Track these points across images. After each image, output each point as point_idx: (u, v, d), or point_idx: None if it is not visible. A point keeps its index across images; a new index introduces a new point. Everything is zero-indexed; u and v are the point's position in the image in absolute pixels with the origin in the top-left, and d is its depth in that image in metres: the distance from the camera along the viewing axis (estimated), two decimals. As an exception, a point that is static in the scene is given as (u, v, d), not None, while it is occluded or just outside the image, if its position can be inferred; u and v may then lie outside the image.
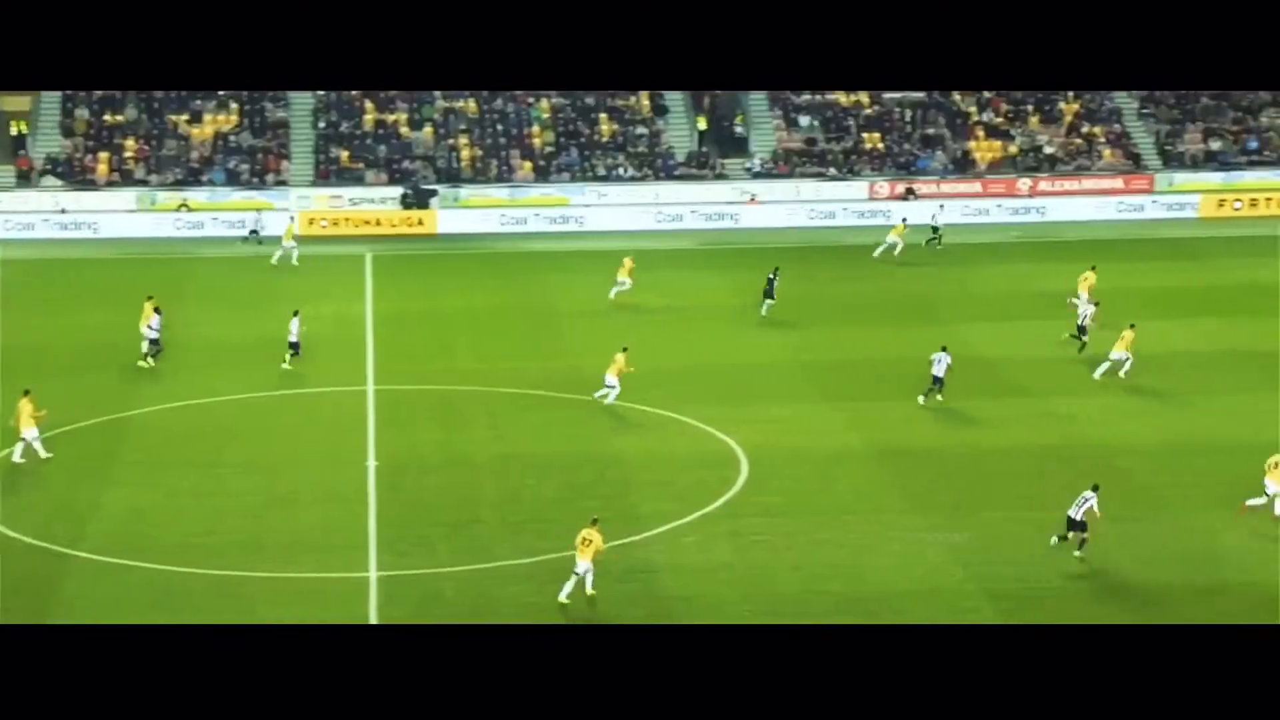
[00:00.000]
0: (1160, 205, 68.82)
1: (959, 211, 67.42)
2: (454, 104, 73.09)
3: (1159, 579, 30.98)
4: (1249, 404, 41.57)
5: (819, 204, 68.60)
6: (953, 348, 47.46)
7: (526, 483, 36.65)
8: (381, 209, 67.51)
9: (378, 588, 30.88)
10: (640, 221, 67.36)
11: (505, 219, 67.33)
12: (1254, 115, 73.51)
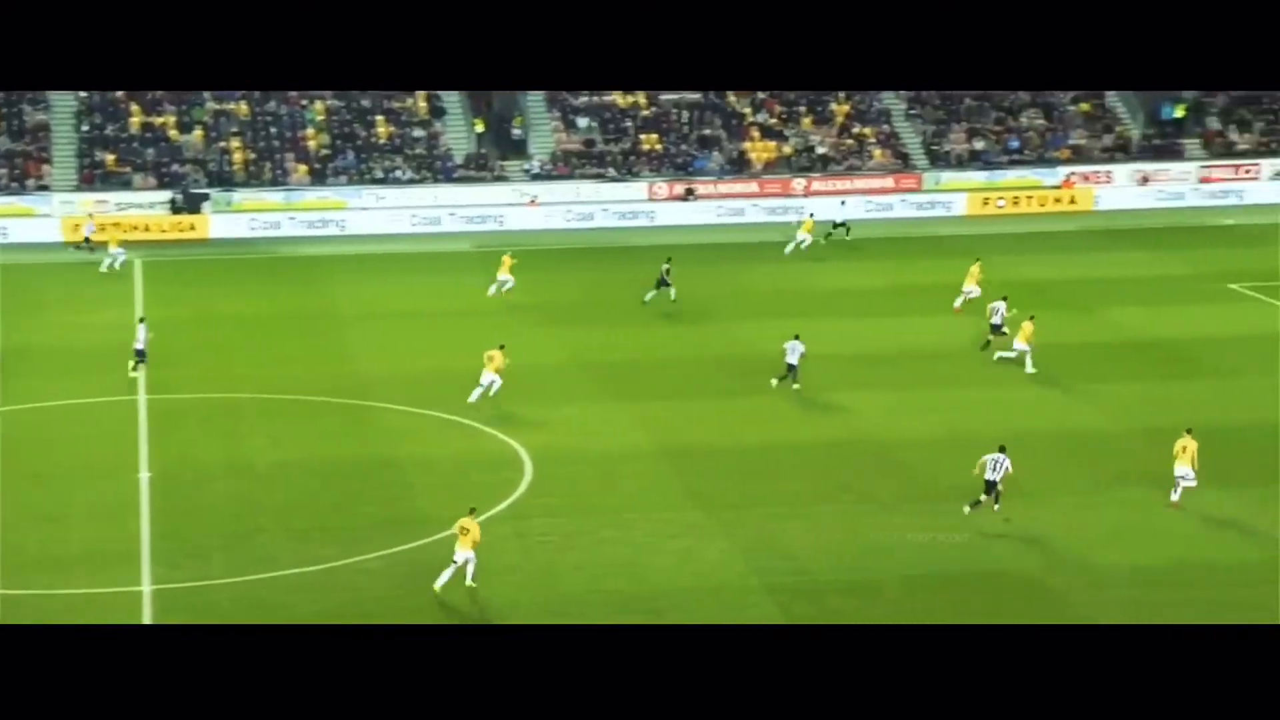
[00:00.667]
0: (928, 203, 70.71)
1: (732, 211, 68.65)
2: (225, 106, 71.49)
3: (936, 569, 31.70)
4: (1016, 397, 42.94)
5: (599, 205, 68.91)
6: (733, 346, 48.16)
7: (308, 490, 36.03)
8: (150, 214, 65.67)
9: (151, 601, 30.02)
10: (417, 225, 66.86)
11: (280, 223, 66.12)
12: (1014, 116, 75.98)
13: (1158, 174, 72.78)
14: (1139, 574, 31.16)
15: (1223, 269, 57.14)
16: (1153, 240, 63.46)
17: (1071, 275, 57.54)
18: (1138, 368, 45.44)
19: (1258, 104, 76.20)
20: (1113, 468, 37.13)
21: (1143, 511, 34.38)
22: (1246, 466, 36.93)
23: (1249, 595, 29.95)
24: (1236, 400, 42.12)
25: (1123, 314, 51.59)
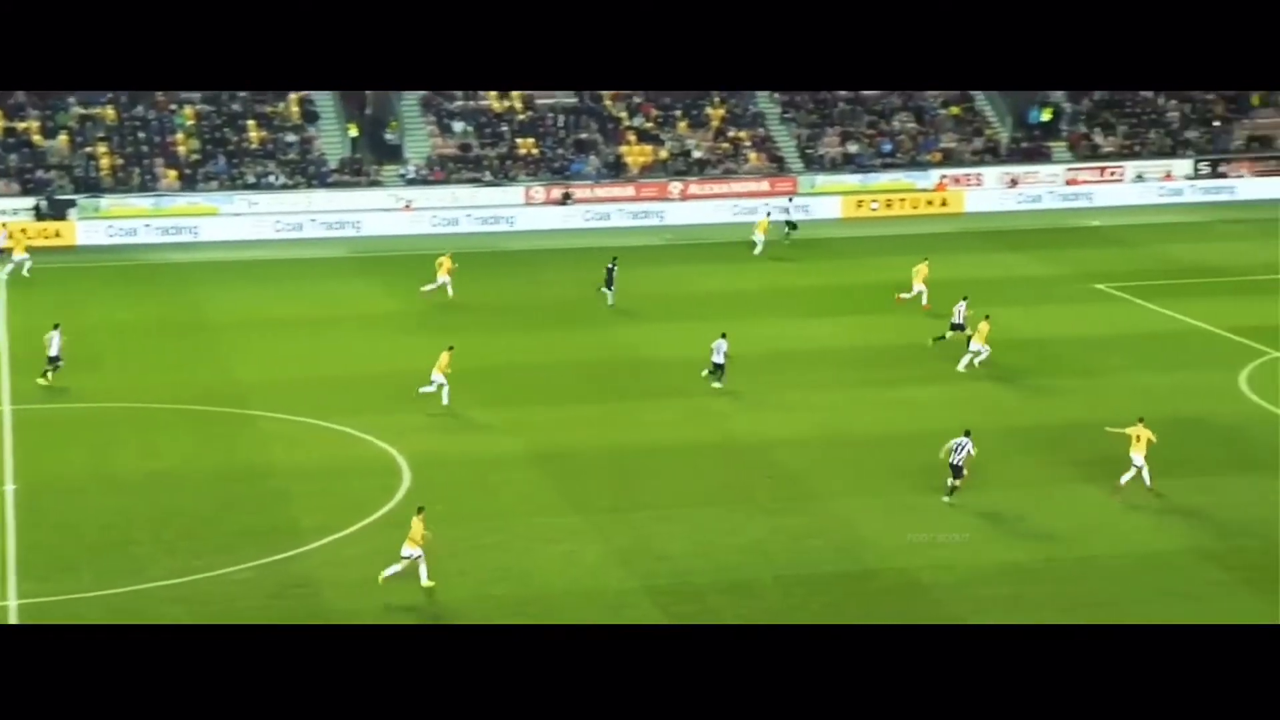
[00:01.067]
0: (803, 206, 71.32)
1: (618, 215, 68.85)
2: (91, 111, 70.18)
3: (812, 570, 31.94)
4: (891, 397, 43.44)
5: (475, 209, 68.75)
6: (609, 350, 48.25)
7: (180, 500, 35.47)
8: (14, 220, 64.25)
9: (18, 615, 29.38)
10: (289, 230, 66.17)
11: (149, 229, 65.03)
12: (886, 119, 76.92)
13: (1026, 176, 74.07)
14: (1011, 572, 31.61)
15: (1089, 269, 58.25)
16: (1021, 241, 64.54)
17: (943, 276, 58.17)
18: (1007, 368, 46.14)
19: (1120, 107, 77.82)
20: (983, 467, 37.64)
21: (1012, 510, 34.90)
22: (1116, 464, 37.63)
23: (1118, 591, 30.55)
24: (1103, 398, 42.94)
25: (995, 314, 52.28)
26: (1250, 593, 30.20)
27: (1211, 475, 36.35)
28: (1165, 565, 31.62)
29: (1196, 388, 43.50)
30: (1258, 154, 75.58)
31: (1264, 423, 40.29)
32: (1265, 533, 33.02)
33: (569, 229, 67.89)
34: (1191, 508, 34.62)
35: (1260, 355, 46.31)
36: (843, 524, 34.11)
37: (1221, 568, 31.40)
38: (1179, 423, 40.36)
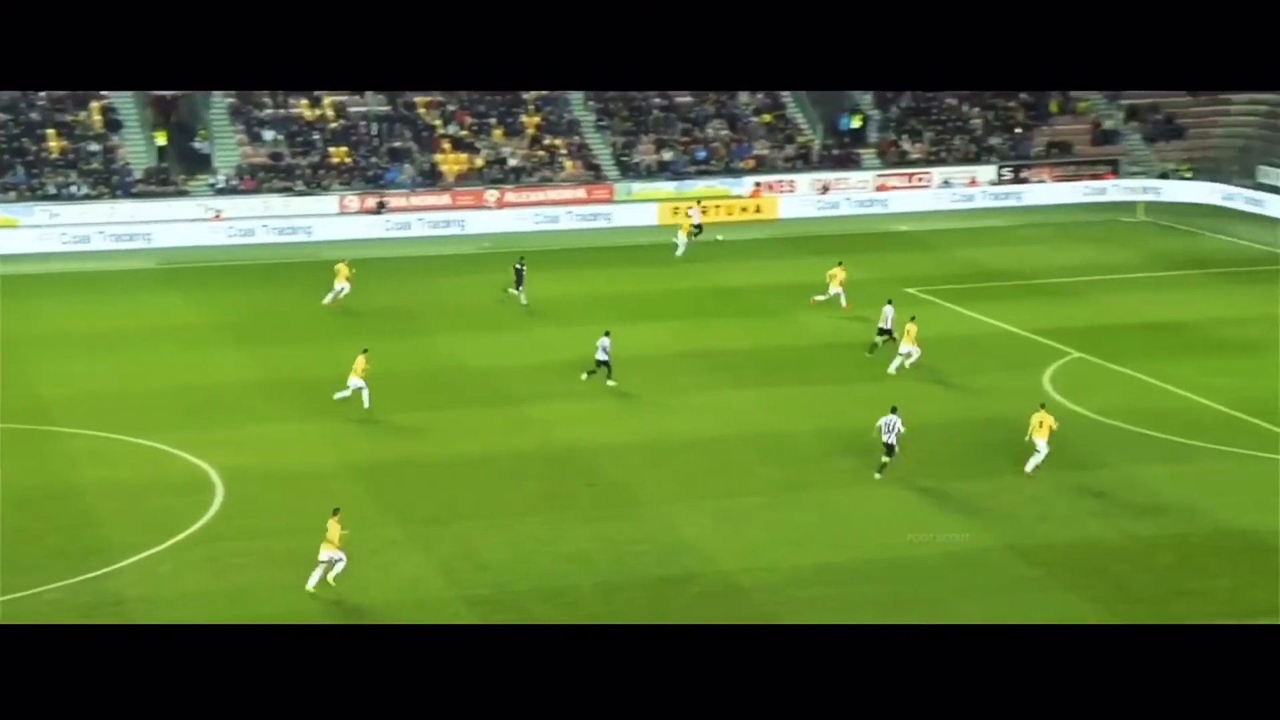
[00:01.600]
0: (621, 213, 71.68)
1: (428, 224, 68.51)
2: (-118, 119, 67.66)
3: (633, 575, 32.05)
4: (717, 400, 43.80)
5: (287, 219, 67.72)
6: (427, 360, 47.92)
7: (-18, 521, 34.29)
8: None
9: None
10: (93, 241, 64.48)
11: (-54, 241, 62.91)
12: (701, 127, 77.64)
13: (837, 183, 75.33)
14: (830, 573, 32.06)
15: (898, 273, 59.41)
16: (834, 247, 65.53)
17: (760, 282, 59.03)
18: (826, 370, 46.86)
19: (927, 115, 79.58)
20: (802, 469, 38.17)
21: (830, 512, 35.41)
22: (927, 462, 38.44)
23: (934, 589, 31.18)
24: (914, 400, 43.78)
25: (810, 318, 53.14)
26: (1060, 588, 31.05)
27: (1019, 474, 37.27)
28: (978, 563, 32.36)
29: (1003, 388, 44.61)
30: (1057, 160, 77.88)
31: (1068, 421, 41.47)
32: (1071, 528, 33.98)
33: (378, 238, 67.24)
34: (1000, 506, 35.50)
35: (1062, 355, 47.68)
36: (665, 529, 34.30)
37: (1031, 564, 32.23)
38: (986, 423, 41.40)
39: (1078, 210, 72.86)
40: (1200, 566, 31.84)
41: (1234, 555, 32.33)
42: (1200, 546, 32.85)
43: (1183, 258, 62.07)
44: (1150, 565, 31.98)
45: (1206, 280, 58.19)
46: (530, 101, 76.72)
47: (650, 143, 76.35)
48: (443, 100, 76.03)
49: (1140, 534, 33.51)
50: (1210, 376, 44.74)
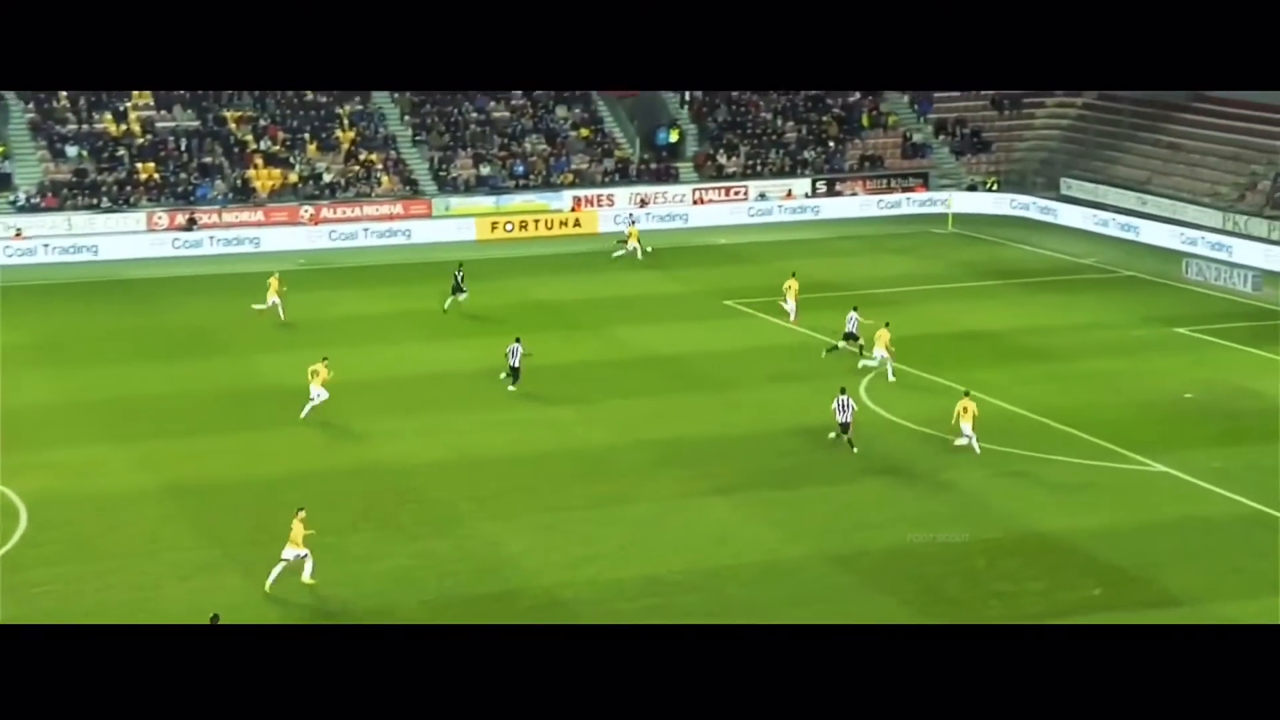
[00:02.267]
0: (439, 228, 71.29)
1: (229, 242, 67.50)
2: None
3: (458, 592, 31.82)
4: (535, 416, 43.69)
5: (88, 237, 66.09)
6: (240, 379, 47.17)
7: None
8: None
9: None
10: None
11: None
12: (518, 141, 77.60)
13: (656, 196, 75.84)
14: (652, 584, 32.18)
15: (718, 286, 60.00)
16: (654, 260, 66.00)
17: (580, 296, 59.16)
18: (644, 383, 47.09)
19: (743, 129, 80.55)
20: (621, 482, 38.30)
21: (652, 524, 35.55)
22: (745, 473, 38.84)
23: (754, 599, 31.47)
24: (735, 412, 44.27)
25: (628, 332, 53.40)
26: (877, 594, 31.54)
27: (838, 484, 37.84)
28: (794, 572, 32.74)
29: (823, 399, 45.21)
30: (869, 173, 79.41)
31: (884, 429, 42.24)
32: (886, 535, 34.55)
33: (185, 256, 65.96)
34: (818, 514, 35.97)
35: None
36: (487, 546, 34.14)
37: (847, 571, 32.70)
38: (804, 433, 41.95)
39: (890, 222, 74.36)
40: (1012, 570, 32.61)
41: (1044, 558, 33.18)
42: (1012, 550, 33.65)
43: (990, 268, 63.66)
44: (964, 569, 32.66)
45: (1012, 290, 59.76)
46: (345, 115, 75.96)
47: (468, 157, 76.09)
48: (254, 115, 74.90)
49: (954, 539, 34.22)
50: (1018, 384, 45.91)
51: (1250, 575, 32.13)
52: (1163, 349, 50.31)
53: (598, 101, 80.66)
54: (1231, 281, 59.59)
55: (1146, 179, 74.09)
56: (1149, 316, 53.77)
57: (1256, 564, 32.68)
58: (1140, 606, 30.47)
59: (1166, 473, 38.26)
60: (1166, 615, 29.99)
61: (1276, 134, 71.41)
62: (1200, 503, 36.36)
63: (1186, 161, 73.85)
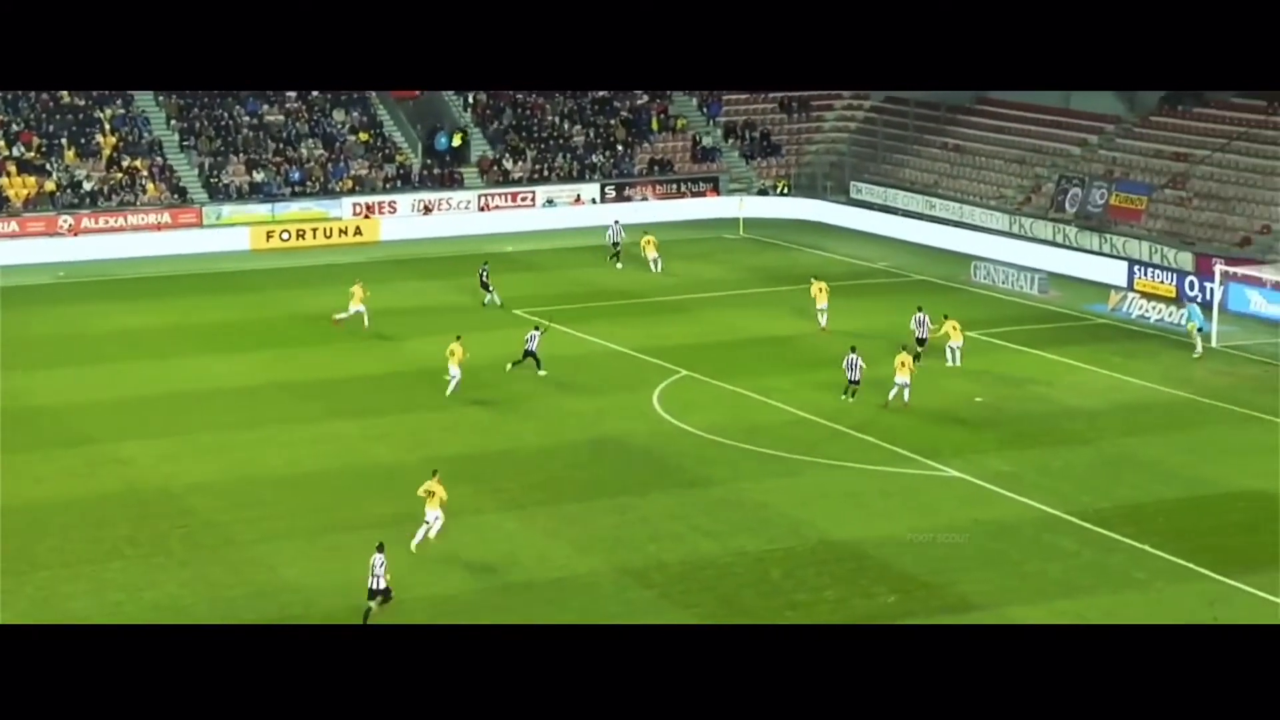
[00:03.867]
0: (210, 238, 69.83)
1: None
2: None
3: (236, 618, 31.06)
4: (314, 433, 43.01)
5: None
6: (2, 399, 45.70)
7: None
8: None
9: None
10: None
11: None
12: (294, 146, 76.40)
13: (439, 203, 75.35)
14: (443, 604, 31.85)
15: (507, 295, 59.75)
16: (439, 269, 65.59)
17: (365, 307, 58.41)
18: (430, 397, 46.66)
19: (529, 132, 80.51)
20: (408, 500, 37.82)
21: (442, 542, 35.19)
22: (535, 486, 38.74)
23: (547, 616, 31.37)
24: (525, 424, 44.13)
25: (416, 345, 52.89)
26: (673, 608, 31.68)
27: (630, 495, 37.97)
28: (588, 586, 32.73)
29: (613, 409, 45.42)
30: (659, 177, 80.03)
31: (676, 439, 42.54)
32: (682, 547, 34.74)
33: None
34: (610, 527, 36.02)
35: (671, 374, 48.88)
36: (263, 570, 33.45)
37: (643, 585, 32.80)
38: (598, 444, 42.03)
39: (681, 227, 74.95)
40: (808, 579, 33.04)
41: (838, 566, 33.70)
42: (807, 559, 34.10)
43: (780, 273, 64.60)
44: (760, 580, 33.00)
45: (804, 295, 60.72)
46: (106, 120, 73.96)
47: (240, 163, 74.67)
48: (5, 119, 72.48)
49: (749, 549, 34.56)
50: (810, 390, 46.62)
51: (1040, 579, 33.05)
52: (953, 353, 51.58)
53: (377, 104, 79.88)
54: (1018, 284, 61.40)
55: (934, 182, 76.02)
56: (939, 320, 55.05)
57: (1046, 567, 33.65)
58: (935, 612, 31.13)
59: (959, 478, 39.19)
60: (961, 620, 30.68)
61: (1060, 137, 73.87)
62: (991, 507, 37.31)
63: (972, 165, 75.95)
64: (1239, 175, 65.98)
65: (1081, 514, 36.50)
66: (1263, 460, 40.46)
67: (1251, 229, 63.09)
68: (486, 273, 58.20)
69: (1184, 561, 33.67)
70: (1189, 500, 37.69)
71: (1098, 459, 40.80)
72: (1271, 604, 31.56)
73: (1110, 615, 31.01)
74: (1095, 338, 53.71)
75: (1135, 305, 57.40)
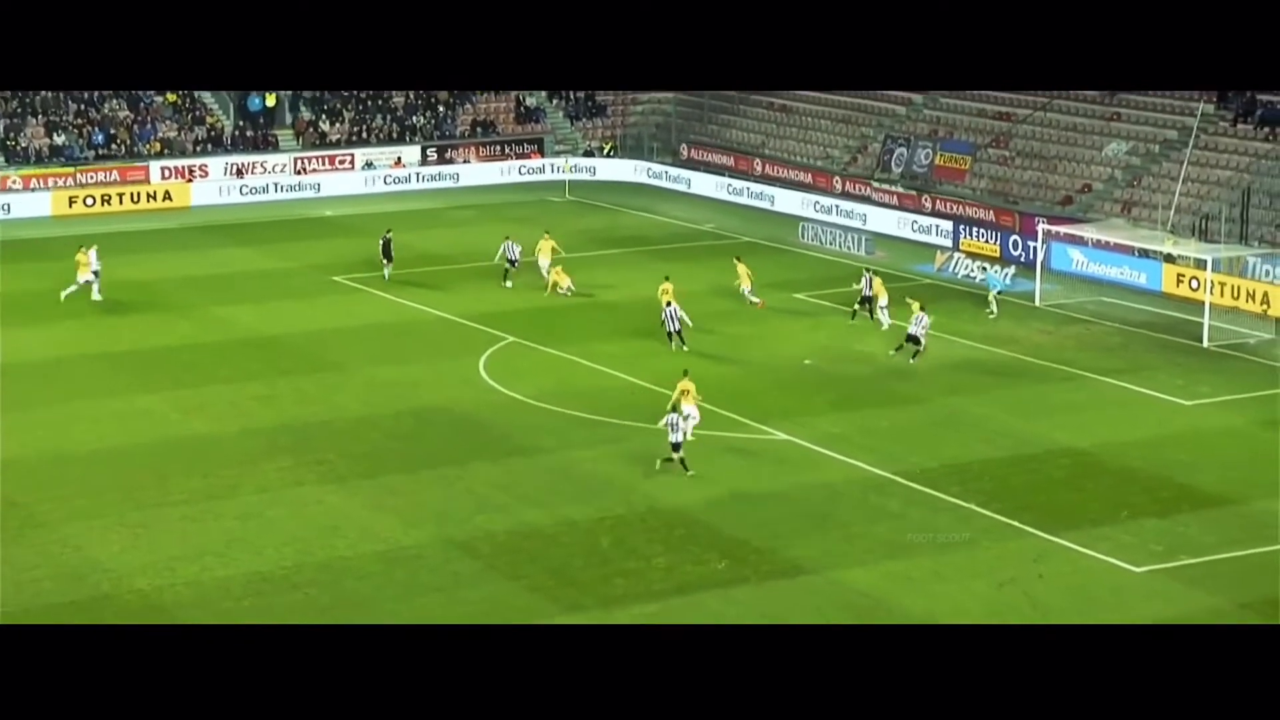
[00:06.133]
0: (8, 203, 67.97)
1: None
2: None
3: (42, 601, 30.40)
4: (124, 406, 42.20)
5: None
6: None
7: None
8: None
9: None
10: None
11: None
12: (97, 107, 74.57)
13: (253, 166, 74.14)
14: (258, 581, 31.47)
15: (323, 260, 59.16)
16: (253, 235, 64.63)
17: (173, 275, 57.42)
18: (246, 367, 46.02)
19: (346, 93, 79.50)
20: (224, 474, 37.34)
21: (258, 518, 34.77)
22: (357, 458, 38.43)
23: (370, 591, 31.17)
24: (345, 393, 43.75)
25: (229, 312, 52.11)
26: (501, 579, 31.68)
27: (456, 465, 37.84)
28: (414, 559, 32.58)
29: (438, 377, 45.21)
30: (482, 139, 79.60)
31: (503, 407, 42.50)
32: (508, 518, 34.70)
33: None
34: (436, 498, 35.89)
35: (497, 341, 48.77)
36: (70, 550, 32.76)
37: (469, 555, 32.75)
38: (422, 414, 41.82)
39: (506, 190, 74.77)
40: (638, 547, 33.25)
41: (668, 533, 33.96)
42: (636, 526, 34.32)
43: (608, 236, 64.77)
44: (589, 549, 33.12)
45: (631, 259, 60.95)
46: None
47: (40, 125, 72.71)
48: None
49: (578, 518, 34.68)
50: (640, 357, 46.84)
51: (868, 541, 33.66)
52: (781, 315, 52.19)
53: (186, 64, 78.22)
54: (846, 245, 62.30)
55: (761, 143, 76.69)
56: (768, 282, 55.62)
57: (873, 529, 34.27)
58: (764, 578, 31.56)
59: (788, 440, 39.72)
60: (791, 585, 31.16)
61: (885, 96, 74.92)
62: (819, 469, 37.89)
63: (798, 125, 76.76)
64: (1061, 134, 67.57)
65: (909, 474, 37.23)
66: (1083, 417, 41.64)
67: (1073, 188, 64.72)
68: (389, 242, 55.86)
69: (1008, 520, 34.53)
70: (1013, 458, 38.64)
71: (924, 419, 41.63)
72: (1090, 559, 32.53)
73: (937, 576, 31.72)
74: (921, 298, 54.65)
75: (961, 265, 58.58)
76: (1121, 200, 62.62)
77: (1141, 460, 38.41)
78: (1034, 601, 30.49)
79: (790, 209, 68.76)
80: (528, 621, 29.41)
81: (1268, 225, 57.61)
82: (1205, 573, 31.88)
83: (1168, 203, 58.03)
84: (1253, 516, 34.81)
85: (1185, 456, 38.74)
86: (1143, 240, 55.20)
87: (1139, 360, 47.03)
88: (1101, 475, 37.46)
